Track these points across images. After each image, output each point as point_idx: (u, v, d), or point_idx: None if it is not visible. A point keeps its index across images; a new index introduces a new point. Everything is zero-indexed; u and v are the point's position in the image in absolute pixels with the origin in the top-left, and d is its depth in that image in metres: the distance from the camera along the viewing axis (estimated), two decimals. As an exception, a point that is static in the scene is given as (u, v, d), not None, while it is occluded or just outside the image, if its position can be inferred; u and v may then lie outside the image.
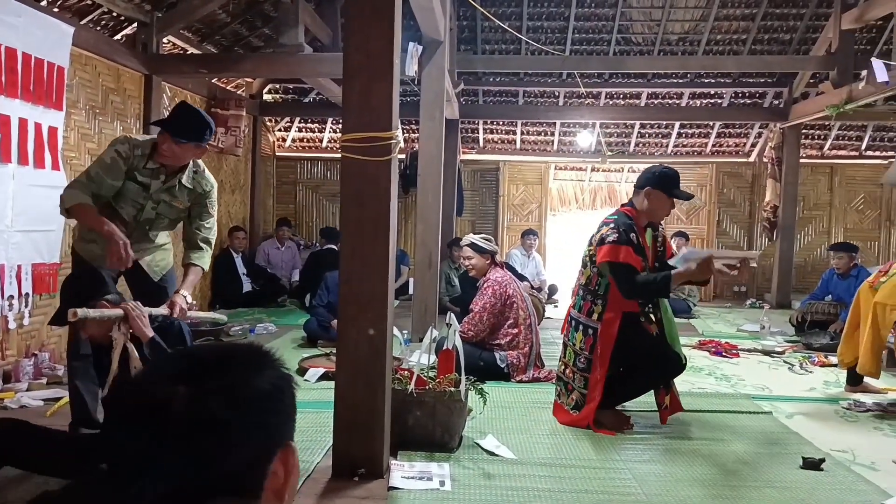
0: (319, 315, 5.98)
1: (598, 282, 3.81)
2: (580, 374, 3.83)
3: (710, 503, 2.86)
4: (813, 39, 8.60)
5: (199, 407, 0.81)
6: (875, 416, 4.20)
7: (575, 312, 3.93)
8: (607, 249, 3.67)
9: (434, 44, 5.69)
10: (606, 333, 3.74)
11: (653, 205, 3.82)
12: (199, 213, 3.68)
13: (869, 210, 10.14)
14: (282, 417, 0.89)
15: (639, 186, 3.88)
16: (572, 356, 3.89)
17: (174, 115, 3.51)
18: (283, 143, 10.47)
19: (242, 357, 0.89)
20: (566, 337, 3.97)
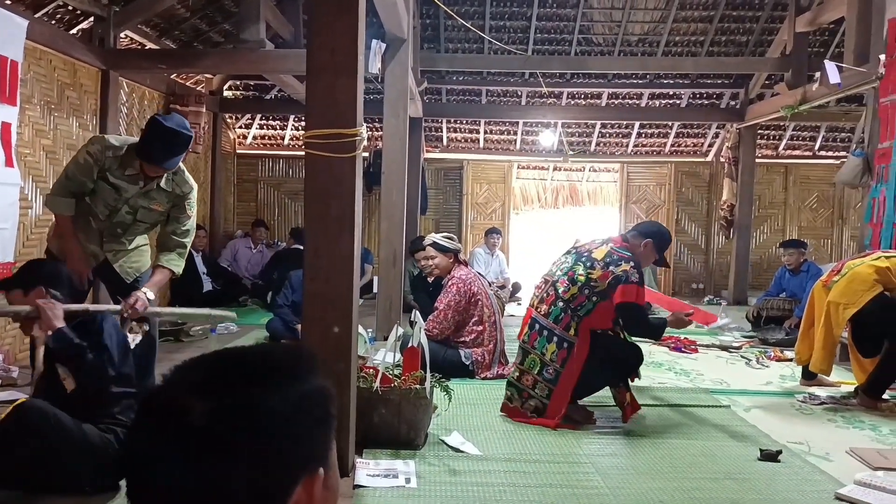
0: (284, 315, 5.92)
1: (581, 304, 3.79)
2: (544, 384, 3.82)
3: (670, 495, 2.92)
4: (768, 42, 8.81)
5: (212, 425, 0.76)
6: (829, 409, 4.32)
7: (548, 322, 3.86)
8: (634, 290, 3.73)
9: (397, 41, 5.67)
10: (581, 349, 3.76)
11: (646, 254, 3.97)
12: (177, 216, 3.64)
13: (822, 209, 10.42)
14: (306, 441, 0.82)
15: (643, 235, 3.99)
16: (537, 365, 3.85)
17: (151, 141, 3.40)
18: (243, 141, 10.34)
19: (271, 367, 0.83)
20: (529, 345, 3.92)
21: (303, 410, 0.81)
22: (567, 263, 3.94)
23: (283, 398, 0.80)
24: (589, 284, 3.79)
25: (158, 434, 0.77)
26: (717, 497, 2.90)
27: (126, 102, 6.82)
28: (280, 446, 0.79)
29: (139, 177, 3.47)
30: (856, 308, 4.26)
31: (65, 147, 5.71)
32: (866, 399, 4.37)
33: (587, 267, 3.83)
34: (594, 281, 3.78)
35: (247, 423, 0.77)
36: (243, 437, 0.77)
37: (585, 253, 3.92)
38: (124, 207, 3.52)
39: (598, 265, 3.80)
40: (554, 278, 3.95)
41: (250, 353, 0.85)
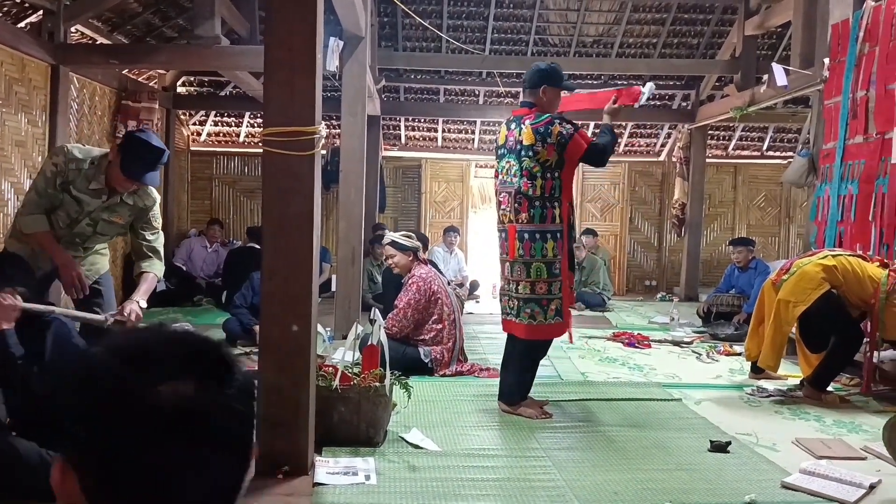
0: (241, 315, 5.84)
1: (552, 185, 3.83)
2: (557, 280, 3.86)
3: (624, 486, 2.99)
4: (719, 44, 9.02)
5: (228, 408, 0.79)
6: (776, 401, 4.46)
7: (536, 226, 3.84)
8: (579, 139, 3.79)
9: (355, 39, 5.67)
10: (566, 231, 3.89)
11: (550, 101, 3.95)
12: (143, 226, 3.61)
13: (770, 207, 10.73)
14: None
15: (533, 86, 3.97)
16: (544, 268, 3.84)
17: (132, 157, 3.38)
18: (197, 138, 10.19)
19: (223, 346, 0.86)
20: (527, 256, 3.86)
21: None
22: (514, 166, 3.90)
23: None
24: (545, 167, 3.82)
25: (158, 422, 0.76)
26: (669, 487, 2.99)
27: (77, 98, 6.67)
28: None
29: (103, 191, 3.44)
30: (805, 306, 4.40)
31: (13, 144, 5.57)
32: (811, 391, 4.52)
33: (532, 157, 3.82)
34: (547, 161, 3.81)
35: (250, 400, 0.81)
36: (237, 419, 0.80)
37: (517, 146, 3.88)
38: (85, 220, 3.50)
39: (538, 147, 3.80)
40: (515, 186, 3.89)
41: (201, 338, 0.86)
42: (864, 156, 5.37)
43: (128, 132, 3.60)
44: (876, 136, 5.24)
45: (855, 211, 5.43)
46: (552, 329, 3.93)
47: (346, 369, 3.59)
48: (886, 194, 5.08)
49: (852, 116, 5.52)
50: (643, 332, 6.61)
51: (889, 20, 5.18)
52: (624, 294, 10.14)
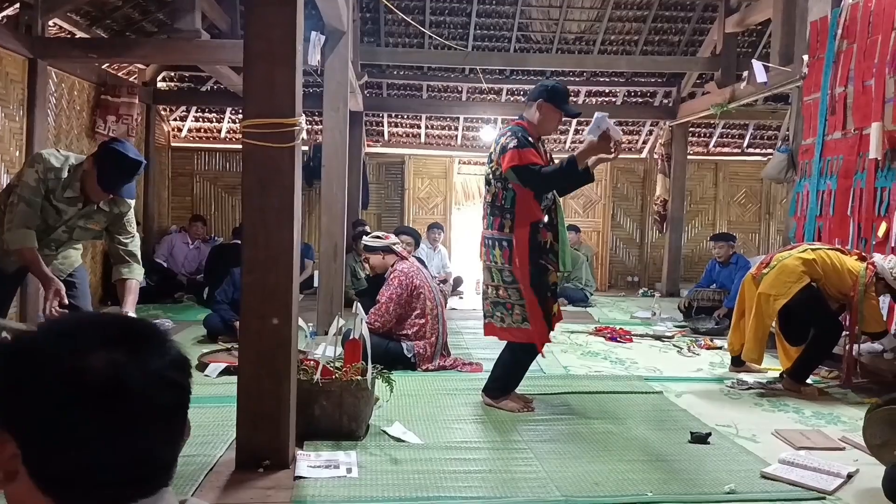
0: (222, 311, 5.80)
1: (503, 196, 3.83)
2: (512, 288, 3.83)
3: (605, 477, 3.01)
4: (699, 42, 9.08)
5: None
6: (756, 394, 4.51)
7: (487, 232, 3.89)
8: (510, 155, 3.71)
9: (337, 34, 5.64)
10: (520, 242, 3.78)
11: (544, 118, 3.91)
12: (118, 231, 3.58)
13: (750, 204, 10.82)
14: None
15: (531, 99, 3.96)
16: (498, 274, 3.87)
17: (105, 164, 3.34)
18: (178, 134, 10.11)
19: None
20: (487, 261, 3.91)
21: None
22: (487, 169, 3.98)
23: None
24: (497, 177, 3.83)
25: (92, 400, 0.77)
26: (650, 478, 3.00)
27: (55, 93, 6.59)
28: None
29: (79, 198, 3.41)
30: (785, 299, 4.45)
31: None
32: (791, 384, 4.57)
33: (489, 164, 3.90)
34: (497, 170, 3.82)
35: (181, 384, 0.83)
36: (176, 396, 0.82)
37: (490, 153, 3.95)
38: (61, 227, 3.46)
39: (495, 155, 3.84)
40: (485, 191, 3.99)
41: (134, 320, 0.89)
42: (842, 151, 5.43)
43: (103, 144, 3.54)
44: (854, 131, 5.30)
45: (834, 206, 5.49)
46: (521, 332, 3.89)
47: (329, 364, 3.57)
48: (864, 189, 5.15)
49: (831, 112, 5.57)
50: (625, 327, 6.65)
51: (867, 17, 5.24)
52: (606, 290, 10.19)
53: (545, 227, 3.86)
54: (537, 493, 2.83)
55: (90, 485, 0.78)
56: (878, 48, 5.05)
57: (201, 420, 3.64)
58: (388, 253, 5.13)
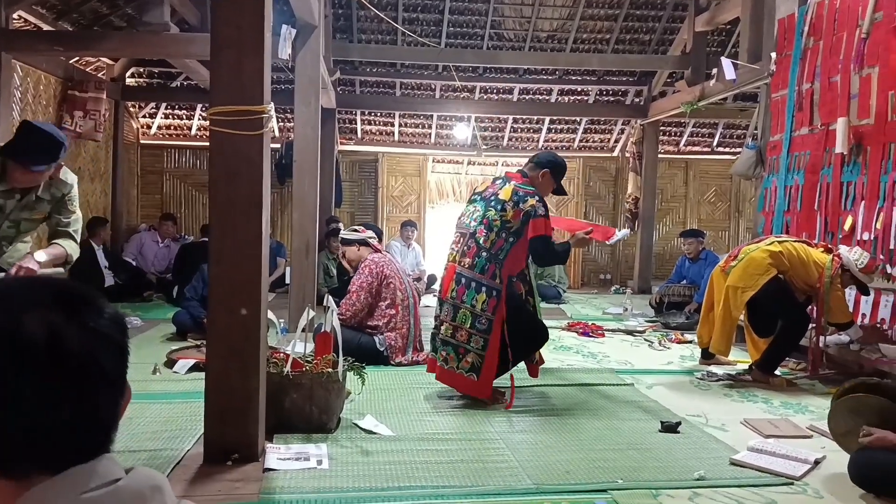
0: (192, 307, 5.72)
1: (501, 247, 3.89)
2: (479, 336, 3.84)
3: (577, 465, 3.01)
4: (670, 41, 9.18)
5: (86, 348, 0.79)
6: (725, 385, 4.56)
7: (474, 274, 3.89)
8: (542, 224, 3.87)
9: (308, 28, 5.61)
10: (508, 295, 3.88)
11: (544, 184, 4.11)
12: (59, 211, 3.47)
13: (720, 202, 10.96)
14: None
15: (539, 165, 4.13)
16: (469, 318, 3.86)
17: (22, 141, 3.22)
18: (147, 131, 9.97)
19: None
20: (458, 300, 3.91)
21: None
22: (478, 212, 3.99)
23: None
24: (505, 227, 3.89)
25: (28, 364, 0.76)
26: (621, 465, 3.02)
27: (20, 87, 6.47)
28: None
29: (14, 190, 3.31)
30: (753, 291, 4.50)
31: (-50, 131, 5.36)
32: (759, 375, 4.63)
33: (499, 211, 3.92)
34: (509, 222, 3.89)
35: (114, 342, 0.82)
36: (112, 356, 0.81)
37: (491, 197, 3.98)
38: (5, 223, 3.36)
39: (509, 206, 3.90)
40: (471, 230, 3.98)
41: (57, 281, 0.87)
42: (809, 147, 5.51)
43: (24, 120, 3.43)
44: (821, 127, 5.39)
45: (801, 201, 5.58)
46: (463, 382, 3.90)
47: (299, 357, 3.54)
48: (831, 184, 5.23)
49: (798, 109, 5.66)
50: (597, 323, 6.69)
51: (832, 15, 5.33)
52: (579, 287, 10.25)
53: (518, 279, 3.98)
54: (509, 482, 2.83)
55: (28, 448, 0.76)
56: (844, 45, 5.14)
57: (169, 415, 3.59)
58: (363, 245, 5.13)
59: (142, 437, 3.24)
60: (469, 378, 3.87)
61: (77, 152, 7.71)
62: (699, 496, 2.73)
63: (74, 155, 7.67)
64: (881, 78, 4.76)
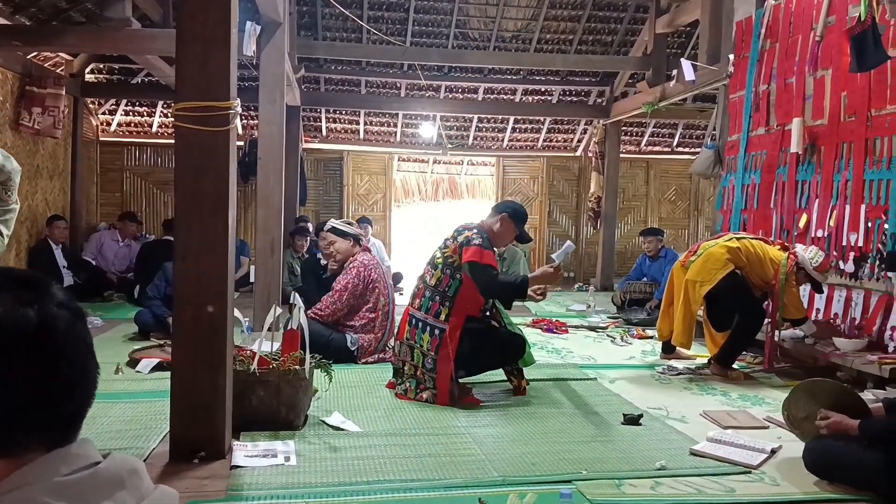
0: (154, 307, 5.65)
1: (448, 284, 3.94)
2: (428, 375, 3.92)
3: (542, 458, 3.07)
4: (631, 42, 9.33)
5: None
6: (686, 379, 4.66)
7: (420, 314, 3.98)
8: (474, 250, 3.84)
9: (273, 25, 5.57)
10: (452, 336, 3.88)
11: (503, 231, 4.12)
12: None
13: (680, 201, 11.17)
14: None
15: (497, 211, 4.17)
16: (420, 358, 3.95)
17: None
18: (107, 128, 9.80)
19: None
20: (412, 340, 3.99)
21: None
22: (431, 257, 4.12)
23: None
24: (447, 263, 3.96)
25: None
26: (585, 457, 3.08)
27: (-26, 80, 6.32)
28: None
29: None
30: (711, 285, 4.63)
31: None
32: (718, 369, 4.75)
33: (442, 249, 4.03)
34: (450, 258, 3.95)
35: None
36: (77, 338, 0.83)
37: (443, 241, 4.11)
38: None
39: (449, 241, 4.01)
40: (422, 273, 4.12)
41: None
42: (765, 146, 5.66)
43: None
44: (777, 127, 5.54)
45: (758, 199, 5.73)
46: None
47: (266, 355, 3.53)
48: (786, 183, 5.38)
49: (755, 109, 5.81)
50: (561, 319, 6.78)
51: (788, 18, 5.48)
52: (543, 285, 10.33)
53: (480, 316, 4.02)
54: (476, 475, 2.87)
55: (19, 426, 0.78)
56: (799, 48, 5.30)
57: (133, 414, 3.56)
58: (354, 242, 5.10)
59: (105, 437, 3.21)
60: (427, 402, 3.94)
61: (35, 150, 7.56)
62: (661, 485, 2.81)
63: (32, 152, 7.52)
64: (834, 80, 4.92)
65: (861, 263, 4.64)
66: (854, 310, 4.74)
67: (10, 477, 0.77)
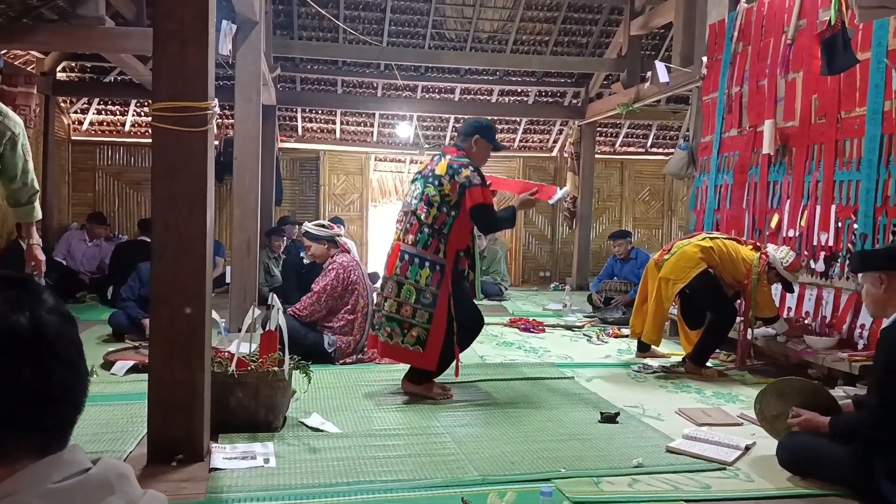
0: (128, 308, 5.58)
1: (444, 221, 3.92)
2: (424, 310, 3.88)
3: (521, 457, 3.09)
4: (606, 43, 9.40)
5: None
6: (660, 377, 4.72)
7: (417, 250, 3.93)
8: (479, 192, 3.88)
9: (249, 24, 5.54)
10: (452, 269, 3.92)
11: (479, 152, 4.12)
12: (14, 164, 3.30)
13: (654, 201, 11.29)
14: None
15: (467, 134, 4.13)
16: (413, 293, 3.89)
17: None
18: (79, 127, 9.66)
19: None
20: (402, 276, 3.93)
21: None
22: (419, 189, 4.03)
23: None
24: (444, 202, 3.93)
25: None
26: (563, 455, 3.11)
27: (-58, 79, 6.19)
28: None
29: None
30: (683, 283, 4.71)
31: None
32: (692, 367, 4.82)
33: (437, 186, 3.95)
34: (447, 196, 3.92)
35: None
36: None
37: (430, 174, 4.02)
38: None
39: (445, 180, 3.93)
40: (412, 208, 4.02)
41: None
42: (738, 148, 5.75)
43: None
44: (749, 129, 5.63)
45: (730, 199, 5.82)
46: (408, 354, 3.94)
47: (244, 357, 3.51)
48: (758, 183, 5.47)
49: (728, 111, 5.90)
50: (538, 319, 6.82)
51: (760, 21, 5.57)
52: (520, 285, 10.40)
53: (465, 254, 4.02)
54: (456, 474, 2.88)
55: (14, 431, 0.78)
56: (771, 50, 5.38)
57: (109, 417, 3.52)
58: (331, 244, 5.08)
59: (81, 440, 3.16)
60: (415, 351, 3.90)
61: (4, 148, 7.42)
62: (638, 482, 2.85)
63: (1, 151, 7.38)
64: (805, 82, 5.02)
65: (831, 263, 4.73)
66: (825, 308, 4.84)
67: (3, 483, 0.77)
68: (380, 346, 4.04)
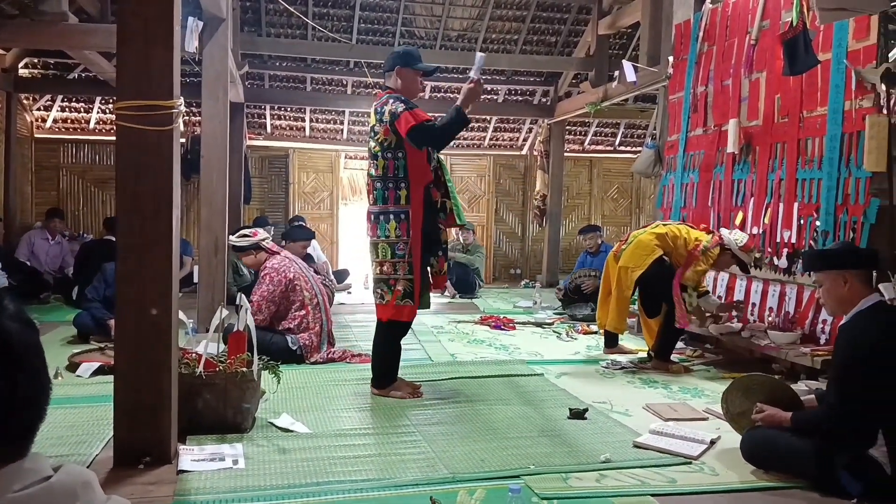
0: (94, 309, 5.49)
1: (395, 165, 3.84)
2: (403, 262, 3.85)
3: (491, 454, 3.11)
4: (575, 43, 9.47)
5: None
6: (628, 373, 4.78)
7: (378, 207, 3.89)
8: (405, 117, 3.72)
9: (215, 21, 5.49)
10: (416, 213, 3.85)
11: (406, 83, 3.97)
12: None
13: (622, 198, 11.41)
14: None
15: (389, 69, 4.01)
16: (388, 250, 3.87)
17: None
18: (42, 124, 9.47)
19: None
20: (374, 236, 3.92)
21: None
22: (369, 149, 4.00)
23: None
24: (385, 147, 3.85)
25: None
26: (533, 452, 3.14)
27: None
28: None
29: None
30: (641, 270, 4.86)
31: None
32: (658, 363, 4.90)
33: (373, 137, 3.91)
34: (385, 140, 3.84)
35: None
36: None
37: (370, 131, 4.00)
38: None
39: (378, 127, 3.87)
40: (368, 170, 4.00)
41: None
42: (703, 146, 5.84)
43: None
44: (714, 128, 5.71)
45: (696, 197, 5.90)
46: (400, 310, 3.92)
47: (212, 358, 3.48)
48: (723, 181, 5.56)
49: (693, 110, 5.98)
50: (508, 316, 6.86)
51: (724, 22, 5.66)
52: (491, 282, 10.44)
53: (434, 185, 3.95)
54: (426, 473, 2.89)
55: None
56: (735, 50, 5.47)
57: (74, 420, 3.47)
58: (258, 251, 5.05)
59: (46, 443, 3.12)
60: (405, 305, 3.89)
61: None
62: (606, 477, 2.88)
63: (-39, 149, 7.22)
64: (768, 82, 5.11)
65: (794, 259, 4.83)
66: (788, 304, 4.93)
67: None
68: (378, 310, 4.00)
